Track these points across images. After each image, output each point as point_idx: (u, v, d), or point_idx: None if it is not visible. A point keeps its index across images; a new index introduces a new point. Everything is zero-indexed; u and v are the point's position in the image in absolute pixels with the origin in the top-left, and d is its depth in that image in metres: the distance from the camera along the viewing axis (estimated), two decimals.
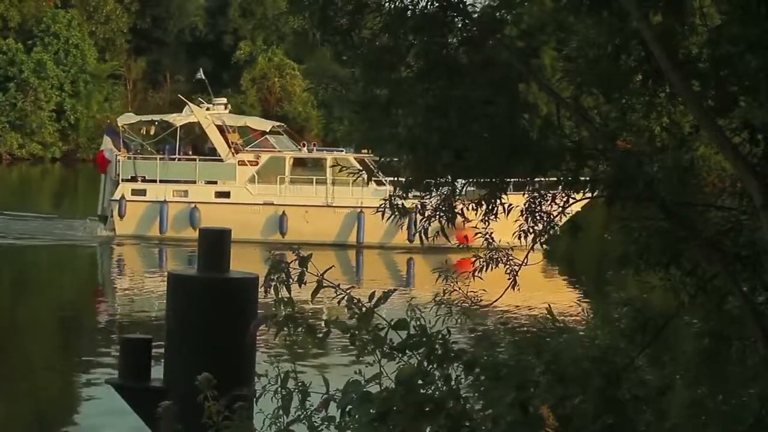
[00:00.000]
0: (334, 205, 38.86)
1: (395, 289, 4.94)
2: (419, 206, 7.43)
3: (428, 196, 7.33)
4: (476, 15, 7.44)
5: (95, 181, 45.30)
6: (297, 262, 4.75)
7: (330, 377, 4.79)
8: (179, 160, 41.14)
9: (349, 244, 37.88)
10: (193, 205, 39.63)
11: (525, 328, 6.75)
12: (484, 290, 6.95)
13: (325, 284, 4.77)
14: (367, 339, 4.63)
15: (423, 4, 7.07)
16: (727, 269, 6.68)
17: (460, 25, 7.28)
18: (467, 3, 7.21)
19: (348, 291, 4.82)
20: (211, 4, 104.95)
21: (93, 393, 16.98)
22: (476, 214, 7.23)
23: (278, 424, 4.82)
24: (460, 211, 7.39)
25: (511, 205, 7.41)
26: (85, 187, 73.44)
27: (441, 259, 7.50)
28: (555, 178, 7.29)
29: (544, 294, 18.46)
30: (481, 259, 7.42)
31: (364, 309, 4.66)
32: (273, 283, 4.74)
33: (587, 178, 7.18)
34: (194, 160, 41.16)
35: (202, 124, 41.81)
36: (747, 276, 6.79)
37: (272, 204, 39.26)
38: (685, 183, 7.00)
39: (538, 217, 7.37)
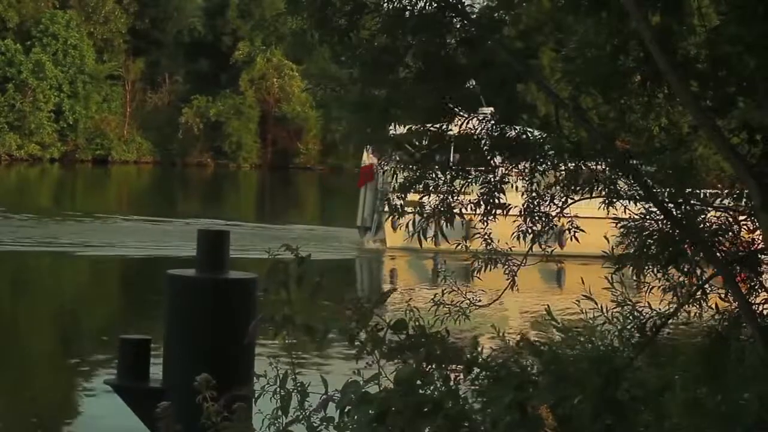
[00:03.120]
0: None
1: (395, 289, 4.95)
2: (418, 206, 7.44)
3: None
4: (475, 15, 7.45)
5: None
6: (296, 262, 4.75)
7: (329, 377, 4.80)
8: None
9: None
10: (468, 217, 38.33)
11: None
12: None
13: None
14: (365, 339, 4.63)
15: (421, 4, 7.07)
16: (726, 270, 6.68)
17: (458, 26, 7.29)
18: (466, 3, 7.21)
19: (347, 292, 4.83)
20: (209, 5, 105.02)
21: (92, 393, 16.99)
22: None
23: (277, 425, 4.82)
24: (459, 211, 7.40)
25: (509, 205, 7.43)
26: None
27: None
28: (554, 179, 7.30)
29: None
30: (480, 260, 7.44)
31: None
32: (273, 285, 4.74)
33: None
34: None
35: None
36: (745, 276, 6.80)
37: None
38: (683, 183, 7.00)
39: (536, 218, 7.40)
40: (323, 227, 43.34)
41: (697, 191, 7.05)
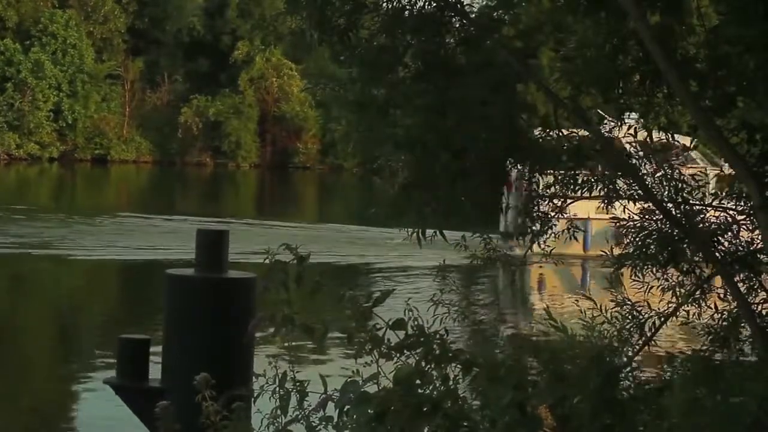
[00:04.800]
0: None
1: (394, 289, 4.94)
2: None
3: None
4: (474, 15, 7.44)
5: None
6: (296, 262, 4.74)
7: (328, 377, 4.79)
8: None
9: None
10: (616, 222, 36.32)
11: None
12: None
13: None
14: (364, 339, 4.63)
15: (420, 4, 7.06)
16: (725, 269, 6.68)
17: (457, 26, 7.28)
18: (465, 3, 7.20)
19: (346, 291, 4.82)
20: (208, 5, 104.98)
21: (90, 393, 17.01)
22: None
23: (276, 424, 4.82)
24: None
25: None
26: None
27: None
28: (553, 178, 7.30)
29: None
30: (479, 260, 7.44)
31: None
32: (271, 285, 4.74)
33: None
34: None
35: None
36: (744, 276, 6.80)
37: None
38: (683, 183, 7.00)
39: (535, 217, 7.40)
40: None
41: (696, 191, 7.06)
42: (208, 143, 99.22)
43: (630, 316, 6.83)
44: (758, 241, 6.74)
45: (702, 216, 6.91)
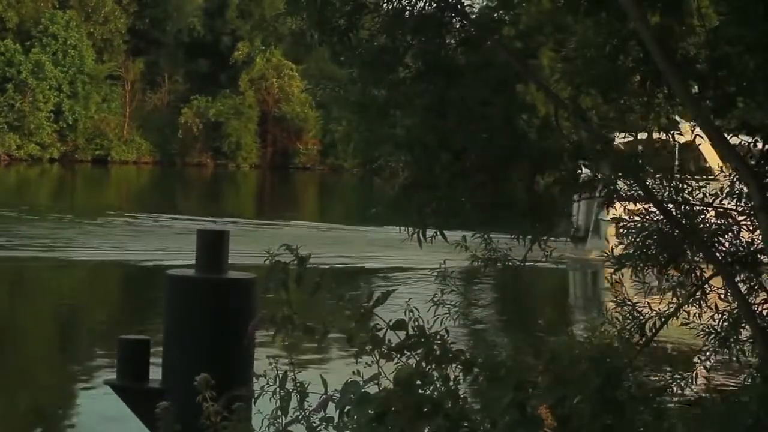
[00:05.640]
0: None
1: (394, 290, 4.95)
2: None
3: None
4: (474, 15, 7.44)
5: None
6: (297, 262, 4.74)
7: (328, 377, 4.79)
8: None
9: None
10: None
11: None
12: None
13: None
14: (365, 339, 4.63)
15: (421, 4, 7.07)
16: (725, 270, 6.68)
17: (458, 26, 7.28)
18: (465, 3, 7.21)
19: (345, 292, 4.82)
20: (208, 5, 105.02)
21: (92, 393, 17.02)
22: None
23: (276, 425, 4.82)
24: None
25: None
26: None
27: None
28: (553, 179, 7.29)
29: None
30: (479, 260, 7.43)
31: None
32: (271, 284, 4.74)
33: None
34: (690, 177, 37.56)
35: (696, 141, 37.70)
36: (745, 277, 6.80)
37: None
38: (683, 183, 7.00)
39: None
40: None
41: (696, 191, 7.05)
42: (209, 144, 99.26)
43: (630, 317, 6.83)
44: (759, 241, 6.74)
45: (702, 216, 6.91)
